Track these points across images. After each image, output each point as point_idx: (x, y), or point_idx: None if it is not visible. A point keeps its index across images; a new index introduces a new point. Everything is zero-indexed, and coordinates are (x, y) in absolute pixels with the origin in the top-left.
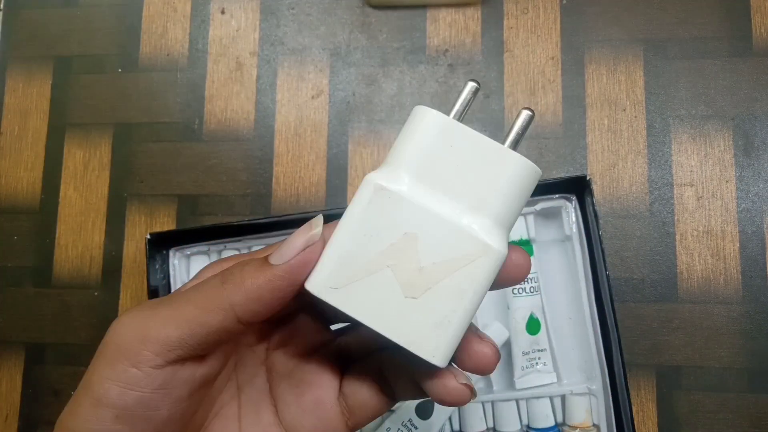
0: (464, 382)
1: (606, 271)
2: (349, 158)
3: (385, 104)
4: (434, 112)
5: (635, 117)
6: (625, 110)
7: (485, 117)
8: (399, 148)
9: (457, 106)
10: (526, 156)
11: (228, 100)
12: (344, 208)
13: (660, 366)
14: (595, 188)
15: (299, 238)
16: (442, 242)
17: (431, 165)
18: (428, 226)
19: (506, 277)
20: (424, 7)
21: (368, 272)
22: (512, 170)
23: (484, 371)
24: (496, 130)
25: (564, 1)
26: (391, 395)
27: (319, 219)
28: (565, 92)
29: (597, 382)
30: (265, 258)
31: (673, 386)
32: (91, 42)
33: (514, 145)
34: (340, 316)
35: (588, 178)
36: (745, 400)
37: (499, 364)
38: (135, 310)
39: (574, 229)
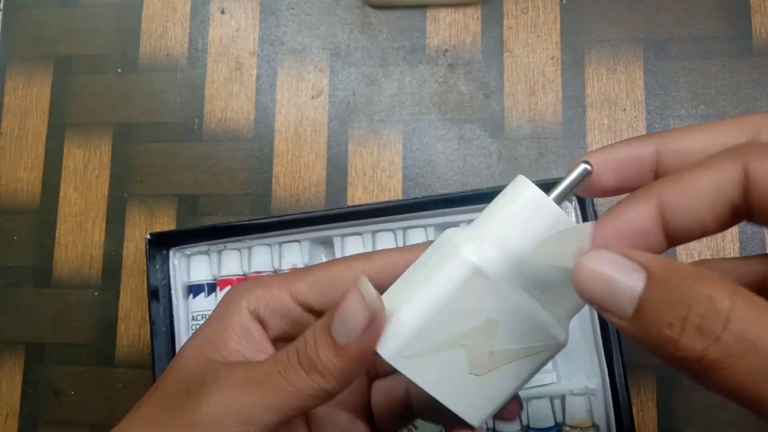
0: None
1: None
2: (349, 158)
3: (385, 104)
4: (534, 189)
5: (635, 117)
6: (625, 110)
7: (485, 117)
8: (495, 220)
9: (561, 188)
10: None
11: (228, 100)
12: (345, 208)
13: (660, 366)
14: None
15: (358, 310)
16: (520, 332)
17: (524, 249)
18: (511, 316)
19: None
20: (424, 7)
21: (443, 348)
22: None
23: (509, 420)
24: (495, 129)
25: (564, 1)
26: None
27: (369, 287)
28: (565, 92)
29: (597, 382)
30: (329, 332)
31: (673, 386)
32: (91, 42)
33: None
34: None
35: None
36: None
37: None
38: (226, 391)
39: None
